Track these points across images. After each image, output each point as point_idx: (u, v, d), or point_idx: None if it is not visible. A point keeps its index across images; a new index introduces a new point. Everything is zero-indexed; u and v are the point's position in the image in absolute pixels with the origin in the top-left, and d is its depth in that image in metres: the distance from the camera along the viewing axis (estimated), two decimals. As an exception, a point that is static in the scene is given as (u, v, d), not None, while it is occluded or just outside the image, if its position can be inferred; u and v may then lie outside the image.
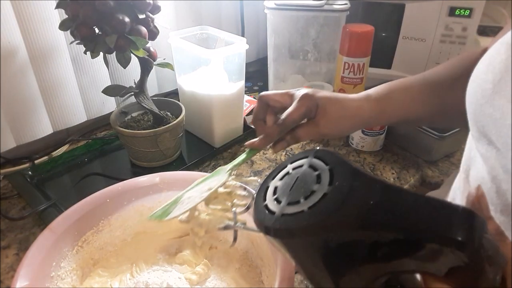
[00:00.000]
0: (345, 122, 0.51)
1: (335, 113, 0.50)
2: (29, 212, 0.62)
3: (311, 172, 0.30)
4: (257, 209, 0.31)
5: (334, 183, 0.27)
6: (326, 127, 0.50)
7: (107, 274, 0.52)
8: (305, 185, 0.29)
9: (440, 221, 0.24)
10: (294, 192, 0.29)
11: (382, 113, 0.53)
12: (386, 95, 0.53)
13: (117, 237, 0.56)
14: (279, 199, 0.30)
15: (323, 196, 0.27)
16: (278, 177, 0.33)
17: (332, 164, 0.29)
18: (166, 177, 0.59)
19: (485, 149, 0.35)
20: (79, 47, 0.76)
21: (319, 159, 0.30)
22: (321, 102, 0.50)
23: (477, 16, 0.86)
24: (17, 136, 0.72)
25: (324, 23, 0.89)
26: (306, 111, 0.49)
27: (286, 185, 0.31)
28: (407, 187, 0.72)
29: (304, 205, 0.27)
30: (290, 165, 0.33)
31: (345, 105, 0.51)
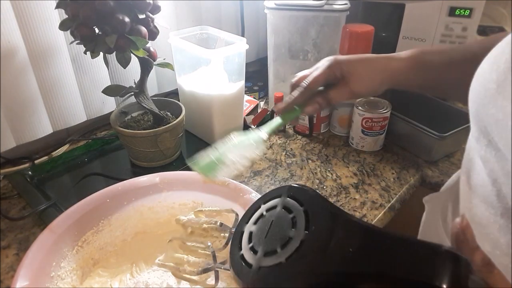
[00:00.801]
0: (375, 76, 0.51)
1: (363, 70, 0.51)
2: (29, 212, 0.62)
3: (286, 215, 0.28)
4: (233, 261, 0.30)
5: (311, 227, 0.26)
6: (357, 85, 0.51)
7: (107, 274, 0.52)
8: (280, 230, 0.28)
9: (423, 267, 0.23)
10: (270, 240, 0.28)
11: (412, 69, 0.52)
12: (417, 54, 0.53)
13: (117, 237, 0.56)
14: (255, 248, 0.29)
15: (300, 244, 0.26)
16: (252, 220, 0.31)
17: (306, 204, 0.28)
18: (166, 177, 0.59)
19: (484, 151, 0.35)
20: (79, 47, 0.76)
21: (293, 198, 0.29)
22: (345, 63, 0.51)
23: (477, 16, 0.86)
24: (17, 136, 0.72)
25: (324, 23, 0.89)
26: (329, 73, 0.50)
27: (261, 230, 0.30)
28: (407, 187, 0.73)
29: (282, 256, 0.26)
30: (263, 206, 0.32)
31: (370, 62, 0.52)
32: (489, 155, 0.34)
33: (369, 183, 0.73)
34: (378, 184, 0.73)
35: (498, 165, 0.33)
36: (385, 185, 0.73)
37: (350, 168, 0.77)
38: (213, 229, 0.44)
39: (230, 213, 0.45)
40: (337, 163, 0.79)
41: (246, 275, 0.27)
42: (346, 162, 0.79)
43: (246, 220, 0.32)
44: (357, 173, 0.76)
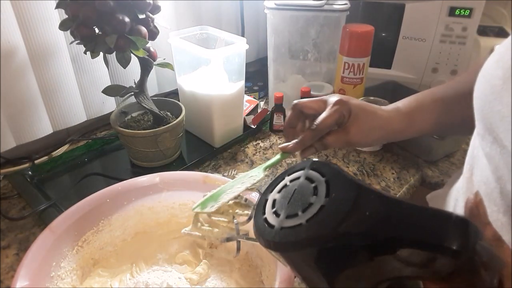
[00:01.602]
0: (375, 132, 0.52)
1: (367, 122, 0.51)
2: (29, 212, 0.62)
3: (308, 184, 0.30)
4: (256, 223, 0.32)
5: (331, 194, 0.28)
6: (356, 136, 0.50)
7: (107, 274, 0.52)
8: (302, 197, 0.29)
9: (435, 230, 0.25)
10: (292, 205, 0.30)
11: (411, 125, 0.53)
12: (416, 108, 0.54)
13: (117, 237, 0.56)
14: (278, 212, 0.30)
15: (320, 208, 0.27)
16: (276, 189, 0.33)
17: (328, 175, 0.30)
18: (166, 177, 0.59)
19: (490, 148, 0.35)
20: (79, 47, 0.76)
21: (315, 170, 0.31)
22: (354, 109, 0.50)
23: (477, 16, 0.86)
24: (17, 136, 0.72)
25: (324, 23, 0.89)
26: (339, 117, 0.49)
27: (284, 198, 0.31)
28: (407, 187, 0.73)
29: (302, 218, 0.28)
30: (287, 177, 0.33)
31: (376, 115, 0.52)
32: (494, 152, 0.34)
33: (369, 183, 0.73)
34: (378, 184, 0.73)
35: (503, 162, 0.33)
36: (385, 185, 0.73)
37: (350, 168, 0.77)
38: (238, 205, 0.45)
39: (255, 192, 0.47)
40: (337, 163, 0.79)
41: (268, 235, 0.29)
42: (346, 162, 0.79)
43: (270, 190, 0.34)
44: (357, 173, 0.76)
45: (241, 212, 0.45)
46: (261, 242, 0.30)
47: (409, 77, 0.98)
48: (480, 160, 0.38)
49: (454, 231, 0.24)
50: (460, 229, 0.25)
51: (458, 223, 0.25)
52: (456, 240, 0.24)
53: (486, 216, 0.29)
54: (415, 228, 0.25)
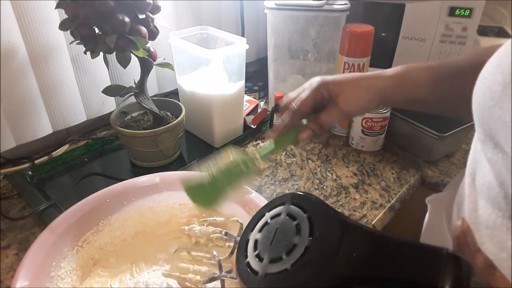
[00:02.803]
0: (363, 95, 0.51)
1: (351, 88, 0.51)
2: (29, 212, 0.62)
3: (290, 222, 0.29)
4: (239, 268, 0.30)
5: (315, 233, 0.27)
6: (346, 104, 0.50)
7: (107, 274, 0.52)
8: (285, 237, 0.28)
9: (426, 269, 0.24)
10: (275, 247, 0.28)
11: (399, 86, 0.52)
12: (403, 71, 0.53)
13: (117, 237, 0.56)
14: (261, 255, 0.29)
15: (305, 250, 0.26)
16: (257, 228, 0.32)
17: (310, 211, 0.29)
18: (166, 177, 0.59)
19: (491, 153, 0.35)
20: (79, 47, 0.76)
21: (296, 205, 0.30)
22: (331, 83, 0.50)
23: (477, 16, 0.86)
24: (17, 136, 0.72)
25: (324, 23, 0.89)
26: (316, 94, 0.50)
27: (266, 238, 0.30)
28: (407, 187, 0.73)
29: (287, 262, 0.26)
30: (268, 214, 0.32)
31: (357, 81, 0.51)
32: (496, 158, 0.34)
33: (369, 183, 0.73)
34: (378, 184, 0.73)
35: (505, 167, 0.33)
36: (385, 185, 0.73)
37: (350, 168, 0.77)
38: (218, 238, 0.45)
39: (235, 223, 0.45)
40: (337, 163, 0.79)
41: (252, 282, 0.28)
42: (346, 162, 0.79)
43: (251, 228, 0.33)
44: (357, 173, 0.76)
45: (223, 245, 0.44)
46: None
47: (409, 77, 0.97)
48: (482, 165, 0.38)
49: (446, 269, 0.23)
50: (452, 267, 0.24)
51: (450, 260, 0.24)
52: (448, 279, 0.23)
53: (475, 243, 0.28)
54: (406, 268, 0.24)
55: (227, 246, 0.43)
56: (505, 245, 0.35)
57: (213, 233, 0.45)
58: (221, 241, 0.45)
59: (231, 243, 0.43)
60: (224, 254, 0.42)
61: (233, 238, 0.43)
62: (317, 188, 0.72)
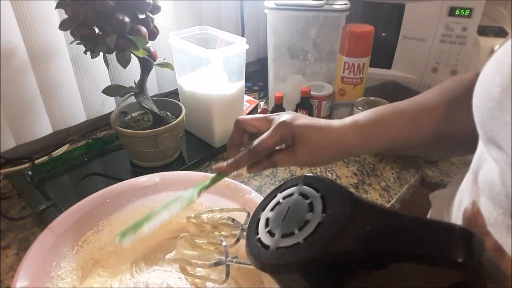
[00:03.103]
0: (325, 151, 0.48)
1: (315, 142, 0.47)
2: (29, 212, 0.62)
3: (303, 201, 0.29)
4: (250, 244, 0.30)
5: (328, 210, 0.26)
6: (304, 156, 0.47)
7: (107, 274, 0.52)
8: (297, 214, 0.28)
9: (439, 243, 0.24)
10: (287, 223, 0.28)
11: (370, 139, 0.49)
12: (376, 121, 0.50)
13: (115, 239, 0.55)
14: (272, 231, 0.29)
15: (317, 226, 0.26)
16: (269, 207, 0.31)
17: (323, 190, 0.28)
18: (166, 177, 0.59)
19: (496, 153, 0.35)
20: (79, 47, 0.76)
21: (309, 186, 0.30)
22: (298, 130, 0.46)
23: (477, 16, 0.86)
24: (17, 136, 0.72)
25: (324, 23, 0.89)
26: (280, 139, 0.46)
27: (278, 215, 0.30)
28: (407, 187, 0.73)
29: (299, 237, 0.26)
30: (280, 195, 0.32)
31: (326, 134, 0.48)
32: (500, 157, 0.34)
33: (369, 183, 0.73)
34: (378, 184, 0.73)
35: (507, 167, 0.33)
36: (385, 185, 0.73)
37: (350, 168, 0.77)
38: (224, 225, 0.44)
39: (242, 212, 0.44)
40: (337, 163, 0.79)
41: (264, 256, 0.27)
42: (346, 162, 0.79)
43: (262, 208, 0.32)
44: (357, 173, 0.76)
45: (228, 233, 0.43)
46: (255, 265, 0.28)
47: (409, 77, 0.98)
48: (487, 163, 0.38)
49: (459, 243, 0.23)
50: (465, 241, 0.24)
51: (462, 235, 0.24)
52: (461, 252, 0.23)
53: (485, 226, 0.28)
54: (418, 242, 0.24)
55: (232, 234, 0.43)
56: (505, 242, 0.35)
57: (220, 219, 0.45)
58: (227, 228, 0.44)
59: (237, 231, 0.42)
60: (230, 241, 0.41)
61: (240, 226, 0.42)
62: (317, 188, 0.72)
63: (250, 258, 0.29)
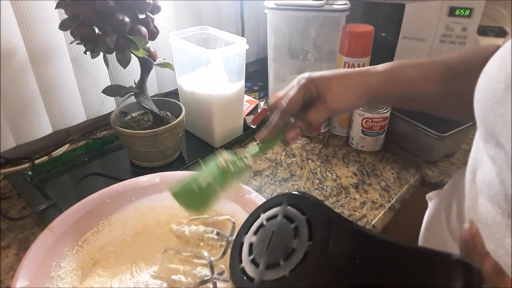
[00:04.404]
0: (351, 91, 0.50)
1: (339, 85, 0.50)
2: (29, 212, 0.62)
3: (288, 225, 0.27)
4: (233, 273, 0.29)
5: (314, 237, 0.25)
6: (334, 101, 0.49)
7: (107, 274, 0.52)
8: (282, 241, 0.27)
9: (435, 278, 0.22)
10: (272, 251, 0.27)
11: (389, 82, 0.51)
12: (395, 68, 0.52)
13: (117, 237, 0.56)
14: (256, 260, 0.27)
15: (304, 256, 0.25)
16: (252, 230, 0.30)
17: (308, 212, 0.27)
18: (166, 177, 0.59)
19: (494, 151, 0.35)
20: (79, 47, 0.76)
21: (294, 206, 0.28)
22: (319, 80, 0.50)
23: (477, 16, 0.86)
24: (17, 136, 0.72)
25: (324, 23, 0.89)
26: (305, 91, 0.49)
27: (262, 241, 0.28)
28: (407, 187, 0.72)
29: (285, 269, 0.25)
30: (263, 215, 0.30)
31: (344, 78, 0.50)
32: (498, 155, 0.34)
33: (369, 183, 0.73)
34: (378, 184, 0.73)
35: (506, 166, 0.33)
36: (385, 185, 0.73)
37: (350, 168, 0.77)
38: (209, 238, 0.43)
39: (227, 222, 0.44)
40: (337, 163, 0.79)
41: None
42: (346, 162, 0.79)
43: (245, 230, 0.31)
44: (357, 173, 0.76)
45: (215, 244, 0.43)
46: None
47: (409, 77, 0.97)
48: (484, 163, 0.38)
49: (457, 278, 0.22)
50: (463, 275, 0.22)
51: (460, 268, 0.22)
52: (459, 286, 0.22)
53: (483, 247, 0.26)
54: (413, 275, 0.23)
55: (219, 245, 0.42)
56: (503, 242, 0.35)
57: (204, 233, 0.44)
58: (212, 241, 0.43)
59: (223, 242, 0.41)
60: (216, 254, 0.41)
61: (225, 238, 0.41)
62: (317, 188, 0.72)
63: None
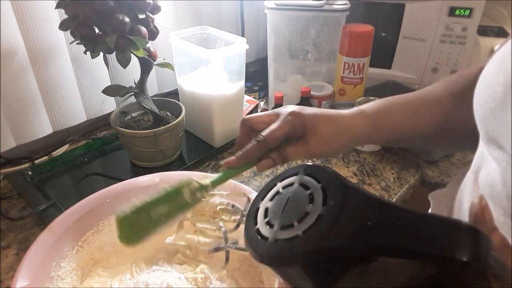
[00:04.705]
0: (336, 140, 0.48)
1: (326, 131, 0.47)
2: (29, 212, 0.62)
3: (303, 191, 0.28)
4: (248, 234, 0.29)
5: (328, 202, 0.26)
6: (317, 147, 0.46)
7: (107, 274, 0.52)
8: (297, 205, 0.27)
9: (443, 240, 0.23)
10: (287, 214, 0.27)
11: (377, 128, 0.50)
12: (383, 110, 0.50)
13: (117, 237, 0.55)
14: (271, 222, 0.28)
15: (317, 218, 0.25)
16: (268, 197, 0.31)
17: (324, 181, 0.27)
18: (166, 177, 0.59)
19: (497, 152, 0.35)
20: (79, 47, 0.76)
21: (310, 176, 0.29)
22: (309, 119, 0.46)
23: (477, 16, 0.86)
24: (17, 136, 0.72)
25: (324, 23, 0.89)
26: (290, 129, 0.45)
27: (277, 206, 0.29)
28: (407, 187, 0.73)
29: (299, 229, 0.25)
30: (279, 184, 0.31)
31: (336, 122, 0.48)
32: (501, 157, 0.34)
33: (369, 183, 0.73)
34: (378, 184, 0.73)
35: (508, 168, 0.33)
36: (385, 185, 0.73)
37: (350, 168, 0.77)
38: (224, 211, 0.43)
39: (242, 197, 0.44)
40: (337, 163, 0.79)
41: (262, 248, 0.27)
42: (346, 162, 0.79)
43: (261, 197, 0.31)
44: (357, 173, 0.76)
45: (228, 218, 0.43)
46: (253, 256, 0.28)
47: (409, 77, 0.98)
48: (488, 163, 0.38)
49: (464, 241, 0.22)
50: (470, 239, 0.23)
51: (468, 232, 0.23)
52: (467, 251, 0.22)
53: (492, 221, 0.27)
54: (422, 238, 0.23)
55: (232, 219, 0.42)
56: None
57: (219, 204, 0.44)
58: (227, 214, 0.43)
59: (237, 216, 0.41)
60: (230, 227, 0.41)
61: (240, 211, 0.41)
62: (317, 188, 0.72)
63: (249, 249, 0.29)
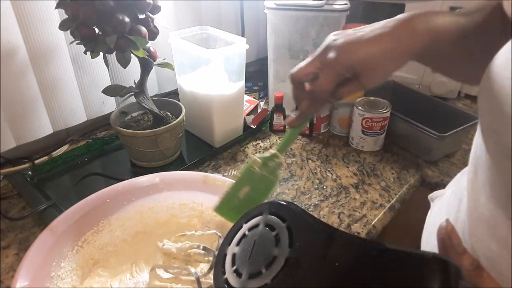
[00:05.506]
0: (392, 67, 0.45)
1: (380, 64, 0.44)
2: (29, 212, 0.62)
3: (269, 233, 0.28)
4: (217, 285, 0.29)
5: (295, 244, 0.26)
6: (370, 82, 0.44)
7: (107, 274, 0.52)
8: (264, 249, 0.27)
9: (413, 274, 0.23)
10: (254, 260, 0.27)
11: (429, 48, 0.46)
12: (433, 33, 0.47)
13: (117, 237, 0.56)
14: (239, 270, 0.28)
15: (285, 263, 0.25)
16: (235, 241, 0.31)
17: (289, 220, 0.27)
18: (166, 177, 0.59)
19: (496, 150, 0.34)
20: (79, 47, 0.76)
21: (274, 215, 0.29)
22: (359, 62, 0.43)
23: (477, 16, 0.85)
24: (17, 136, 0.72)
25: (324, 23, 0.89)
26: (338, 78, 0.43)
27: (244, 251, 0.29)
28: (407, 187, 0.73)
29: (267, 277, 0.25)
30: (245, 225, 0.31)
31: (390, 50, 0.44)
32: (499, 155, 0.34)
33: (369, 183, 0.73)
34: (378, 184, 0.73)
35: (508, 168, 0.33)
36: (385, 185, 0.73)
37: (350, 168, 0.77)
38: (196, 253, 0.44)
39: (214, 236, 0.44)
40: (337, 163, 0.79)
41: None
42: (346, 162, 0.79)
43: (228, 242, 0.31)
44: (357, 173, 0.76)
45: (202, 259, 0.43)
46: None
47: (409, 77, 0.98)
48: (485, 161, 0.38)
49: (433, 273, 0.22)
50: (439, 270, 0.23)
51: (436, 264, 0.23)
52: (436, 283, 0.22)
53: (460, 244, 0.26)
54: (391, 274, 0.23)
55: (206, 261, 0.42)
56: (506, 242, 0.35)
57: (190, 248, 0.44)
58: (199, 256, 0.43)
59: (210, 257, 0.41)
60: (203, 269, 0.41)
61: (212, 253, 0.41)
62: (317, 188, 0.72)
63: None
